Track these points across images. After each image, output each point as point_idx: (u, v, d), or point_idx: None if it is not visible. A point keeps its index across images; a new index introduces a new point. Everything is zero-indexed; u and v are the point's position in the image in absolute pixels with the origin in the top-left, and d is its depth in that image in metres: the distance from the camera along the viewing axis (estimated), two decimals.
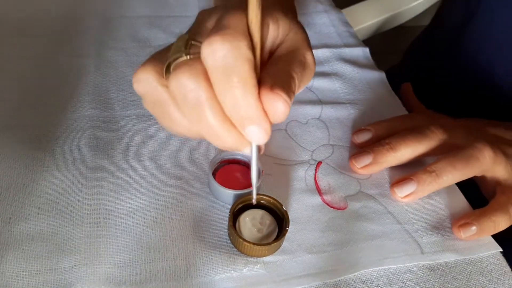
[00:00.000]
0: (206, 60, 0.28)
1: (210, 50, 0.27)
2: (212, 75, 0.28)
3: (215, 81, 0.28)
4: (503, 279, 0.36)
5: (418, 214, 0.40)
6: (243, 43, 0.28)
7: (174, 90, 0.29)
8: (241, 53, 0.28)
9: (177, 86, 0.29)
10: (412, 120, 0.45)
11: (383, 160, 0.41)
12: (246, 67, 0.28)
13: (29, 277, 0.33)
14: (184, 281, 0.34)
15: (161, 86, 0.31)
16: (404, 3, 0.74)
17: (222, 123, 0.29)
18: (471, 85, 0.54)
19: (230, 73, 0.28)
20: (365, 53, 0.56)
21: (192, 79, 0.28)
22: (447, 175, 0.39)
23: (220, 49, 0.27)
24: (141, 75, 0.31)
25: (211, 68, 0.28)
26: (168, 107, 0.31)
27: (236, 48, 0.27)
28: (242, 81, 0.28)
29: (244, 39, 0.28)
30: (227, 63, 0.27)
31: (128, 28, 0.55)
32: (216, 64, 0.28)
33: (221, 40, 0.27)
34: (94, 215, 0.37)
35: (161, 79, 0.31)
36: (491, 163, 0.39)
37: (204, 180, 0.40)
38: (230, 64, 0.27)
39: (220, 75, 0.28)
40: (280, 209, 0.37)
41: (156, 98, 0.31)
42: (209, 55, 0.28)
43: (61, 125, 0.43)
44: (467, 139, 0.41)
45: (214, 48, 0.27)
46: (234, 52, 0.27)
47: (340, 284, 0.35)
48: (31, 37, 0.52)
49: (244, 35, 0.28)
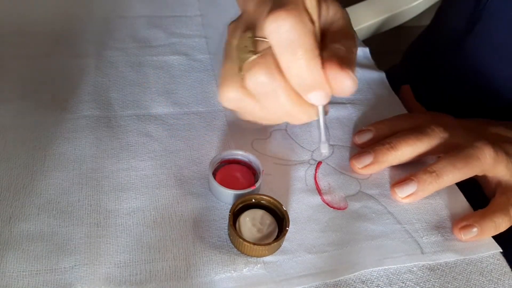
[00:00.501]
0: (272, 36, 0.30)
1: (276, 25, 0.29)
2: (278, 49, 0.30)
3: (281, 54, 0.30)
4: (503, 279, 0.36)
5: (418, 214, 0.40)
6: (306, 18, 0.30)
7: (253, 89, 0.32)
8: (305, 27, 0.30)
9: (255, 85, 0.32)
10: (413, 119, 0.45)
11: (384, 159, 0.41)
12: (311, 40, 0.30)
13: (29, 277, 0.33)
14: (184, 281, 0.34)
15: (245, 95, 0.33)
16: (404, 3, 0.74)
17: (298, 105, 0.32)
18: (472, 86, 0.54)
19: (296, 46, 0.29)
20: (365, 53, 0.56)
21: (268, 76, 0.31)
22: (447, 175, 0.39)
23: (285, 23, 0.29)
24: (229, 94, 0.33)
25: (277, 42, 0.30)
26: (248, 104, 0.34)
27: (300, 22, 0.29)
28: (307, 53, 0.30)
29: (306, 13, 0.30)
30: (293, 36, 0.29)
31: (128, 28, 0.55)
32: (282, 38, 0.30)
33: (285, 15, 0.29)
34: (94, 215, 0.37)
35: (243, 89, 0.33)
36: (492, 162, 0.39)
37: (204, 180, 0.40)
38: (296, 37, 0.29)
39: (286, 49, 0.30)
40: (280, 209, 0.37)
41: (242, 104, 0.34)
42: (274, 30, 0.29)
43: (61, 125, 0.43)
44: (468, 138, 0.41)
45: (280, 23, 0.29)
46: (299, 25, 0.29)
47: (340, 284, 0.35)
48: (31, 37, 0.52)
49: (305, 10, 0.30)
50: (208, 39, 0.55)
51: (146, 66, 0.50)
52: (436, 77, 0.59)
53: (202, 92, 0.48)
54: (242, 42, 0.33)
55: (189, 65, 0.51)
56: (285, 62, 0.31)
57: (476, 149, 0.39)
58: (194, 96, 0.48)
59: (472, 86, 0.54)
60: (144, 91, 0.48)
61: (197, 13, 0.58)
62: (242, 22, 0.35)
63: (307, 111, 0.33)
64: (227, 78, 0.34)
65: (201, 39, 0.55)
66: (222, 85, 0.34)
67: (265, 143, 0.44)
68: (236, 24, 0.36)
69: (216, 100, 0.48)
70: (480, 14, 0.51)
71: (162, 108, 0.46)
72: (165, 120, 0.45)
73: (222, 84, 0.34)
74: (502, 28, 0.50)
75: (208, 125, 0.45)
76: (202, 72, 0.51)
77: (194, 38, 0.55)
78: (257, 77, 0.31)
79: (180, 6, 0.59)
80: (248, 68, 0.31)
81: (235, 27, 0.36)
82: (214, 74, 0.51)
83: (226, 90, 0.33)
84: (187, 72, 0.50)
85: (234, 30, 0.35)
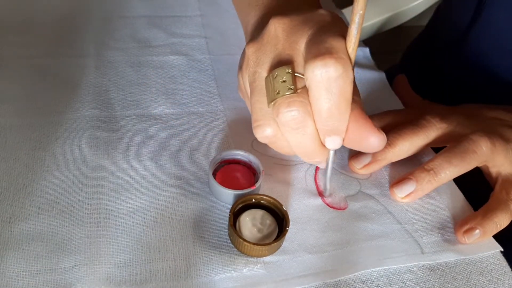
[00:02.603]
0: (315, 79, 0.31)
1: (324, 71, 0.31)
2: (317, 93, 0.32)
3: (318, 99, 0.32)
4: (503, 279, 0.36)
5: (418, 214, 0.40)
6: (351, 67, 0.31)
7: (284, 124, 0.33)
8: (350, 77, 0.31)
9: (288, 122, 0.33)
10: (405, 113, 0.45)
11: (382, 157, 0.41)
12: (350, 91, 0.32)
13: (29, 277, 0.33)
14: (184, 281, 0.34)
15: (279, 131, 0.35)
16: (404, 3, 0.74)
17: (319, 147, 0.34)
18: (472, 86, 0.54)
19: (337, 95, 0.31)
20: (365, 53, 0.56)
21: (303, 115, 0.32)
22: (445, 171, 0.39)
23: (334, 71, 0.31)
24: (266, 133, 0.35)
25: (317, 87, 0.31)
26: (280, 139, 0.36)
27: (347, 72, 0.31)
28: (344, 102, 0.32)
29: (351, 64, 0.32)
30: (337, 86, 0.31)
31: (128, 28, 0.55)
32: (324, 85, 0.31)
33: (335, 64, 0.31)
34: (94, 215, 0.37)
35: (277, 125, 0.35)
36: (490, 153, 0.39)
37: (204, 180, 0.40)
38: (340, 86, 0.31)
39: (326, 95, 0.31)
40: (280, 209, 0.37)
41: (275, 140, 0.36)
42: (320, 74, 0.31)
43: (61, 125, 0.43)
44: (466, 125, 0.41)
45: (328, 69, 0.31)
46: (345, 75, 0.31)
47: (340, 284, 0.35)
48: (31, 37, 0.52)
49: (349, 60, 0.32)
50: (208, 39, 0.55)
51: (146, 66, 0.50)
52: (435, 76, 0.59)
53: (202, 92, 0.48)
54: (280, 76, 0.33)
55: (189, 65, 0.51)
56: (319, 106, 0.32)
57: (471, 142, 0.39)
58: (194, 96, 0.48)
59: (473, 85, 0.54)
60: (144, 91, 0.48)
61: (197, 13, 0.58)
62: (267, 47, 0.36)
63: (322, 152, 0.35)
64: (263, 114, 0.35)
65: (201, 39, 0.55)
66: (258, 121, 0.35)
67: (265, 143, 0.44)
68: (259, 48, 0.36)
69: (216, 100, 0.48)
70: (483, 7, 0.50)
71: (162, 108, 0.46)
72: (165, 120, 0.45)
73: (258, 121, 0.35)
74: (503, 25, 0.50)
75: (208, 125, 0.45)
76: (202, 72, 0.51)
77: (194, 38, 0.55)
78: (293, 114, 0.32)
79: (180, 6, 0.59)
80: (285, 104, 0.33)
81: (258, 52, 0.36)
82: (214, 74, 0.51)
83: (263, 128, 0.35)
84: (187, 72, 0.50)
85: (258, 55, 0.36)
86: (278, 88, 0.33)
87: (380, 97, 0.51)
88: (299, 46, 0.34)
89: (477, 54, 0.53)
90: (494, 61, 0.52)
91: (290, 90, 0.33)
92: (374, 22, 0.73)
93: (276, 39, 0.35)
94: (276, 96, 0.33)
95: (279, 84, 0.33)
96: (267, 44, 0.36)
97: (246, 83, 0.37)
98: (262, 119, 0.35)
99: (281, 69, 0.33)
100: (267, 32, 0.36)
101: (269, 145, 0.37)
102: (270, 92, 0.34)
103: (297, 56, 0.34)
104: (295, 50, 0.34)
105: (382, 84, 0.52)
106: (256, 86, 0.35)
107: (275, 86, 0.33)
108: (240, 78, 0.39)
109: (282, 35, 0.35)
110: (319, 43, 0.32)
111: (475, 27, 0.52)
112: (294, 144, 0.35)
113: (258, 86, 0.35)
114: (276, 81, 0.33)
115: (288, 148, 0.36)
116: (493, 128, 0.41)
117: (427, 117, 0.41)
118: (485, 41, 0.52)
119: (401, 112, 0.46)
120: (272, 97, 0.33)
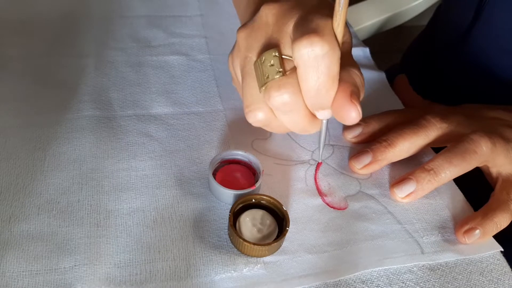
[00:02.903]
0: (301, 59, 0.31)
1: (310, 50, 0.31)
2: (304, 72, 0.32)
3: (306, 78, 0.32)
4: (503, 279, 0.36)
5: (418, 214, 0.40)
6: (337, 45, 0.31)
7: (276, 107, 0.33)
8: (336, 56, 0.31)
9: (279, 104, 0.33)
10: (405, 113, 0.45)
11: (382, 157, 0.41)
12: (336, 67, 0.32)
13: (29, 277, 0.33)
14: (184, 281, 0.34)
15: (271, 114, 0.35)
16: (405, 3, 0.74)
17: (312, 120, 0.35)
18: (473, 86, 0.54)
19: (323, 72, 0.31)
20: (365, 53, 0.56)
21: (293, 96, 0.33)
22: (445, 171, 0.39)
23: (320, 49, 0.31)
24: (258, 117, 0.35)
25: (304, 66, 0.31)
26: (273, 121, 0.36)
27: (332, 49, 0.31)
28: (331, 79, 0.32)
29: (336, 40, 0.32)
30: (323, 64, 0.31)
31: (128, 28, 0.55)
32: (311, 64, 0.31)
33: (320, 42, 0.30)
34: (94, 215, 0.37)
35: (269, 108, 0.35)
36: (490, 153, 0.39)
37: (204, 180, 0.40)
38: (326, 65, 0.31)
39: (313, 73, 0.31)
40: (280, 209, 0.37)
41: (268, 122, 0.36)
42: (306, 54, 0.31)
43: (61, 125, 0.43)
44: (466, 125, 0.41)
45: (315, 48, 0.31)
46: (331, 53, 0.31)
47: (340, 284, 0.35)
48: (31, 37, 0.52)
49: (335, 36, 0.32)
50: (208, 39, 0.55)
51: (146, 66, 0.50)
52: (436, 76, 0.59)
53: (202, 92, 0.48)
54: (268, 59, 0.33)
55: (189, 65, 0.51)
56: (307, 85, 0.32)
57: (472, 142, 0.39)
58: (194, 96, 0.48)
59: (474, 85, 0.54)
60: (144, 91, 0.48)
61: (197, 13, 0.58)
62: (257, 32, 0.36)
63: (315, 125, 0.35)
64: (254, 99, 0.35)
65: (201, 39, 0.55)
66: (250, 107, 0.35)
67: (265, 143, 0.44)
68: (249, 33, 0.36)
69: (216, 100, 0.48)
70: (483, 8, 0.50)
71: (162, 108, 0.46)
72: (165, 120, 0.45)
73: (249, 106, 0.35)
74: (503, 25, 0.50)
75: (208, 125, 0.45)
76: (202, 72, 0.51)
77: (194, 38, 0.55)
78: (284, 97, 0.33)
79: (180, 6, 0.59)
80: (276, 88, 0.33)
81: (248, 38, 0.36)
82: (214, 74, 0.51)
83: (255, 113, 0.35)
84: (187, 72, 0.50)
85: (248, 41, 0.36)
86: (267, 72, 0.33)
87: (380, 97, 0.51)
88: (287, 29, 0.34)
89: (477, 55, 0.53)
90: (494, 61, 0.52)
91: (279, 73, 0.33)
92: (374, 22, 0.73)
93: (266, 25, 0.35)
94: (266, 81, 0.33)
95: (268, 68, 0.33)
96: (257, 30, 0.36)
97: (236, 69, 0.37)
98: (253, 104, 0.35)
99: (268, 52, 0.33)
100: (258, 18, 0.36)
101: (263, 128, 0.37)
102: (259, 76, 0.34)
103: (284, 38, 0.34)
104: (283, 32, 0.34)
105: (382, 84, 0.52)
106: (247, 71, 0.35)
107: (264, 71, 0.33)
108: (230, 64, 0.39)
109: (272, 20, 0.35)
110: (306, 23, 0.32)
111: (476, 27, 0.52)
112: (288, 123, 0.35)
113: (248, 71, 0.35)
114: (265, 65, 0.33)
115: (283, 128, 0.36)
116: (493, 128, 0.41)
117: (427, 117, 0.41)
118: (486, 41, 0.52)
119: (401, 112, 0.46)
120: (262, 82, 0.33)
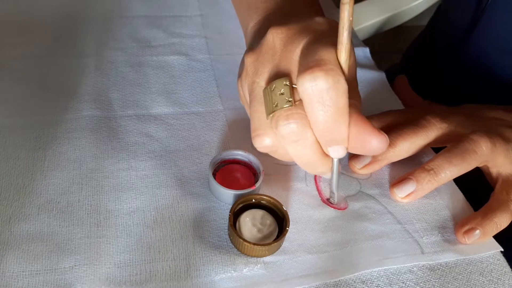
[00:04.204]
0: (306, 92, 0.31)
1: (314, 84, 0.30)
2: (310, 105, 0.31)
3: (312, 111, 0.31)
4: (503, 279, 0.36)
5: (418, 214, 0.40)
6: (342, 78, 0.31)
7: (283, 136, 0.33)
8: (342, 88, 0.31)
9: (287, 134, 0.33)
10: (405, 113, 0.45)
11: (382, 157, 0.41)
12: (343, 100, 0.31)
13: (29, 277, 0.33)
14: (184, 281, 0.34)
15: (278, 141, 0.35)
16: (405, 3, 0.74)
17: (321, 157, 0.34)
18: (473, 86, 0.54)
19: (329, 105, 0.31)
20: (365, 53, 0.56)
21: (301, 127, 0.32)
22: (445, 171, 0.38)
23: (324, 83, 0.30)
24: (265, 143, 0.35)
25: (310, 98, 0.31)
26: (281, 149, 0.35)
27: (337, 83, 0.31)
28: (339, 112, 0.31)
29: (342, 74, 0.31)
30: (328, 97, 0.31)
31: (128, 28, 0.55)
32: (316, 97, 0.31)
33: (324, 76, 0.30)
34: (94, 215, 0.37)
35: (276, 136, 0.34)
36: (490, 153, 0.39)
37: (204, 180, 0.40)
38: (333, 98, 0.31)
39: (319, 106, 0.31)
40: (280, 209, 0.37)
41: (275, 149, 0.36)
42: (310, 88, 0.31)
43: (61, 125, 0.43)
44: (466, 125, 0.41)
45: (318, 82, 0.30)
46: (336, 86, 0.31)
47: (340, 284, 0.35)
48: (31, 37, 0.52)
49: (340, 70, 0.31)
50: (208, 39, 0.55)
51: (146, 66, 0.50)
52: (436, 76, 0.59)
53: (202, 92, 0.48)
54: (278, 88, 0.33)
55: (189, 65, 0.51)
56: (314, 118, 0.32)
57: (472, 142, 0.39)
58: (194, 96, 0.48)
59: (475, 83, 0.54)
60: (144, 91, 0.48)
61: (197, 13, 0.58)
62: (264, 57, 0.36)
63: (325, 162, 0.35)
64: (261, 124, 0.35)
65: (201, 39, 0.55)
66: (257, 131, 0.35)
67: None
68: (257, 58, 0.36)
69: (216, 100, 0.48)
70: (484, 8, 0.50)
71: (162, 108, 0.46)
72: (165, 120, 0.45)
73: (256, 130, 0.35)
74: (505, 26, 0.50)
75: (208, 125, 0.45)
76: (202, 72, 0.51)
77: (194, 38, 0.55)
78: (291, 127, 0.32)
79: (180, 6, 0.59)
80: (284, 117, 0.32)
81: (256, 62, 0.36)
82: (214, 74, 0.51)
83: (262, 138, 0.35)
84: (187, 72, 0.50)
85: (256, 66, 0.36)
86: (276, 101, 0.33)
87: (380, 97, 0.51)
88: (294, 56, 0.34)
89: (477, 55, 0.53)
90: (494, 61, 0.52)
91: (288, 103, 0.33)
92: (374, 22, 0.73)
93: (274, 50, 0.35)
94: (274, 109, 0.33)
95: (277, 96, 0.33)
96: (265, 54, 0.36)
97: (245, 92, 0.37)
98: (261, 129, 0.35)
99: (279, 81, 0.33)
100: (265, 42, 0.36)
101: (270, 154, 0.37)
102: (268, 104, 0.34)
103: (293, 67, 0.34)
104: (291, 60, 0.34)
105: (382, 84, 0.52)
106: (255, 96, 0.35)
107: (273, 99, 0.33)
108: (239, 86, 0.39)
109: (279, 45, 0.35)
110: (310, 55, 0.32)
111: (476, 28, 0.52)
112: (294, 155, 0.35)
113: (256, 96, 0.35)
114: (274, 93, 0.33)
115: (289, 156, 0.36)
116: (493, 128, 0.41)
117: (427, 117, 0.41)
118: (486, 42, 0.52)
119: (401, 112, 0.46)
120: (271, 110, 0.33)
